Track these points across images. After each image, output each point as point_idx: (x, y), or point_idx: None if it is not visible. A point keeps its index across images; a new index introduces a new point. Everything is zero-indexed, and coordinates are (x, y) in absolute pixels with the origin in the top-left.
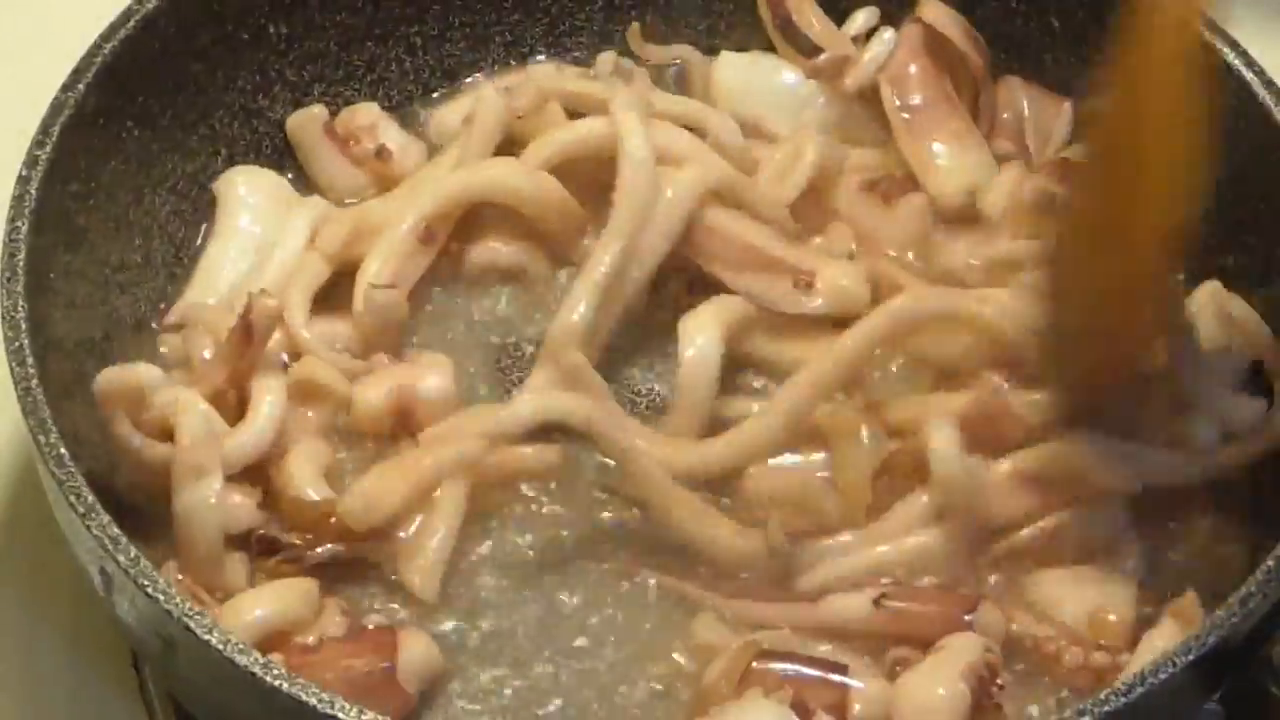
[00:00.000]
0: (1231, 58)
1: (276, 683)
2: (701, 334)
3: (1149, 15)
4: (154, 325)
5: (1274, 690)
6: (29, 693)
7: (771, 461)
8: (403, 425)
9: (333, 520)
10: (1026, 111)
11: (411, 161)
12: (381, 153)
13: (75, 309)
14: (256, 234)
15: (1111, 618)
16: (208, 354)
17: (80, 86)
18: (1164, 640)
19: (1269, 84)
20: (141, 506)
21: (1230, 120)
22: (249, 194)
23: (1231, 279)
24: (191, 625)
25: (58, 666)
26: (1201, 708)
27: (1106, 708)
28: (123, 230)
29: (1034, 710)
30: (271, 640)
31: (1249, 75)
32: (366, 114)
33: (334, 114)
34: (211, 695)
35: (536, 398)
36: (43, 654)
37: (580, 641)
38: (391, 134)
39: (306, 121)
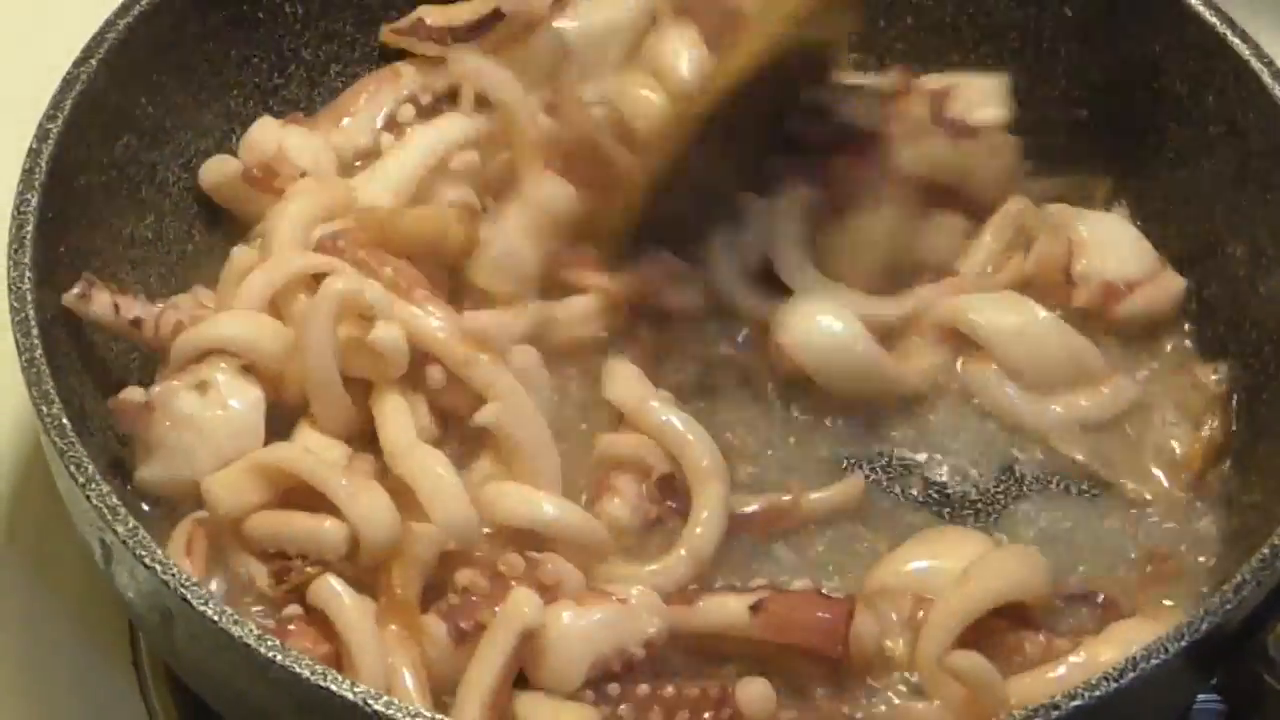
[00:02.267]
0: (1240, 47)
1: (271, 654)
2: None
3: None
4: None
5: (1267, 678)
6: (32, 668)
7: None
8: None
9: None
10: None
11: (324, 165)
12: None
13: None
14: None
15: None
16: None
17: (92, 62)
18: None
19: (1277, 74)
20: None
21: (1237, 110)
22: None
23: (1236, 269)
24: (188, 596)
25: (60, 642)
26: (1196, 696)
27: (1098, 692)
28: (134, 205)
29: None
30: None
31: (1257, 65)
32: (266, 136)
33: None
34: (208, 668)
35: None
36: (46, 629)
37: None
38: (298, 148)
39: (224, 176)
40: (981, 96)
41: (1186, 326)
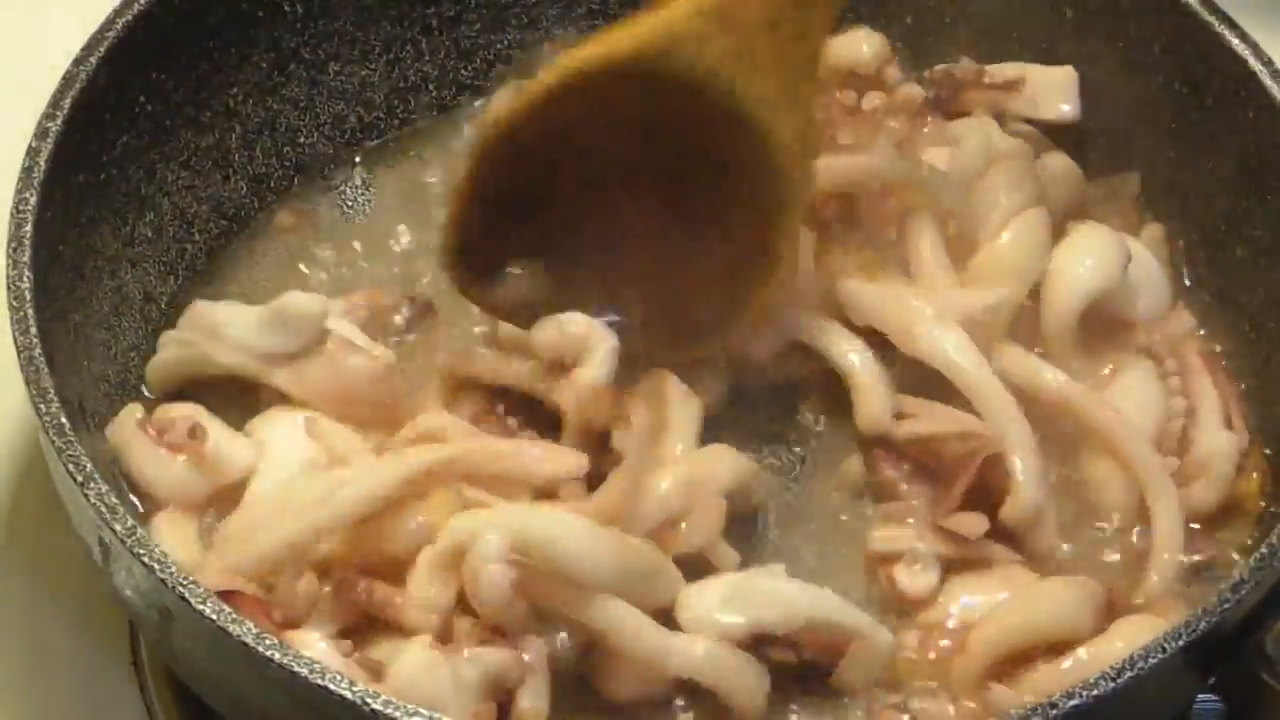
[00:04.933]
0: (1239, 47)
1: (269, 653)
2: None
3: None
4: (163, 303)
5: (1265, 677)
6: (31, 668)
7: None
8: None
9: None
10: None
11: (239, 458)
12: (194, 432)
13: (84, 281)
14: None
15: None
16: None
17: (92, 60)
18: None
19: (1276, 74)
20: None
21: (1236, 110)
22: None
23: (1238, 268)
24: (186, 595)
25: (60, 641)
26: (1195, 696)
27: (1095, 692)
28: (134, 204)
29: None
30: None
31: (1257, 65)
32: (182, 409)
33: None
34: (207, 667)
35: None
36: (46, 629)
37: None
38: (213, 428)
39: (122, 421)
40: (1051, 90)
41: None
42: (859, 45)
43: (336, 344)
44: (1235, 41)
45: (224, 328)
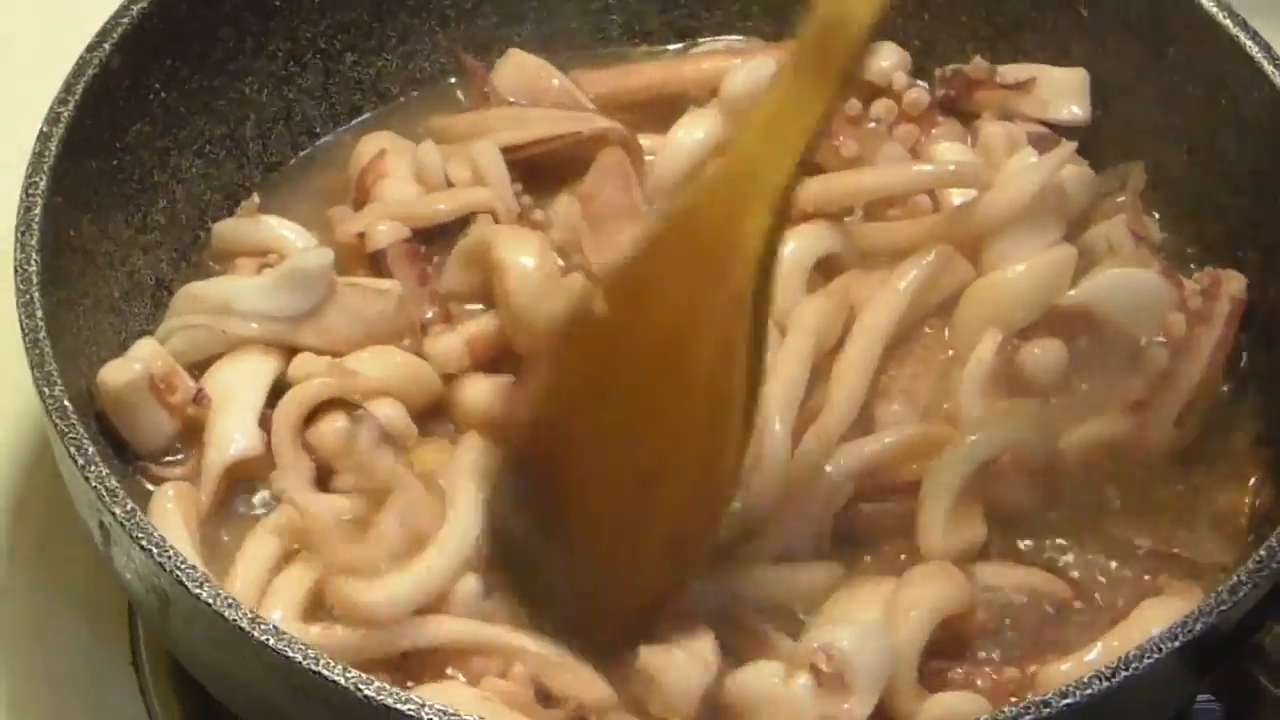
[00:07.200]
0: (1252, 48)
1: (264, 638)
2: None
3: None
4: (175, 289)
5: (1262, 680)
6: (32, 666)
7: None
8: None
9: None
10: None
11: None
12: (200, 399)
13: (94, 266)
14: None
15: None
16: None
17: (106, 47)
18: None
19: None
20: None
21: (1247, 110)
22: None
23: (1251, 273)
24: (184, 579)
25: (61, 640)
26: (1192, 697)
27: (1089, 691)
28: (147, 191)
29: None
30: None
31: (1269, 67)
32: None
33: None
34: (204, 652)
35: None
36: (47, 627)
37: None
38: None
39: (121, 367)
40: (1062, 92)
41: None
42: (879, 59)
43: (346, 290)
44: (1248, 42)
45: (235, 302)
